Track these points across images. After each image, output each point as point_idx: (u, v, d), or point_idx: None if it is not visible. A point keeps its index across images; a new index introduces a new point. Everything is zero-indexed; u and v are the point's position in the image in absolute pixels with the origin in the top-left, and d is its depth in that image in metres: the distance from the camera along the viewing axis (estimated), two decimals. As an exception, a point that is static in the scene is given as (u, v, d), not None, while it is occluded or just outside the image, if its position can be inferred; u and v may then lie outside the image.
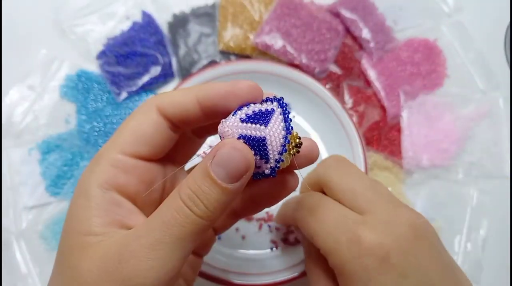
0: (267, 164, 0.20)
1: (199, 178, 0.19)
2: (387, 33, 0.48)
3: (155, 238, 0.19)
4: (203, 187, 0.19)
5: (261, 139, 0.19)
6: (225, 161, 0.19)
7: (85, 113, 0.44)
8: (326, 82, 0.46)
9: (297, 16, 0.47)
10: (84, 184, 0.21)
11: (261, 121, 0.20)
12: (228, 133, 0.19)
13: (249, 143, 0.19)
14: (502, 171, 0.44)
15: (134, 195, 0.22)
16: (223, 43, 0.46)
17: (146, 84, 0.45)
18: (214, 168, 0.19)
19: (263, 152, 0.20)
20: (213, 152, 0.19)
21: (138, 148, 0.22)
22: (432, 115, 0.45)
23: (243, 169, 0.19)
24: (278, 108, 0.21)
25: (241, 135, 0.19)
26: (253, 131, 0.19)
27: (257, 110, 0.20)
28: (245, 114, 0.20)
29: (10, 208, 0.40)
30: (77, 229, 0.20)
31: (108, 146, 0.22)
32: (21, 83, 0.45)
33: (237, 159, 0.19)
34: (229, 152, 0.19)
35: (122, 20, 0.48)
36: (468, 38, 0.49)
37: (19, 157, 0.42)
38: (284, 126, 0.20)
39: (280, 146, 0.20)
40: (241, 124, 0.20)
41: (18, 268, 0.39)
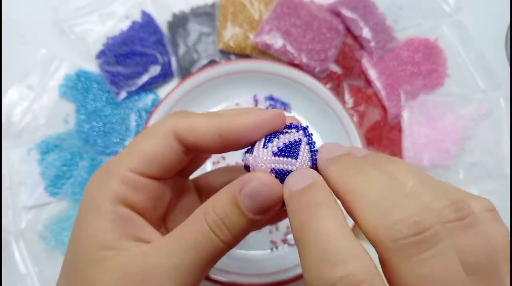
0: None
1: (226, 205, 0.20)
2: (388, 32, 0.48)
3: (179, 260, 0.19)
4: (229, 215, 0.19)
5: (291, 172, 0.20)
6: (255, 194, 0.19)
7: (84, 113, 0.44)
8: (326, 82, 0.46)
9: (297, 16, 0.47)
10: (93, 198, 0.21)
11: (292, 154, 0.20)
12: (261, 167, 0.20)
13: (280, 176, 0.20)
14: (503, 171, 0.44)
15: (142, 211, 0.22)
16: (223, 43, 0.46)
17: (145, 83, 0.45)
18: (244, 199, 0.19)
19: None
20: (242, 181, 0.20)
21: (150, 169, 0.21)
22: (432, 115, 0.45)
23: (272, 204, 0.19)
24: (304, 138, 0.21)
25: (273, 169, 0.20)
26: (285, 165, 0.20)
27: (288, 142, 0.21)
28: (277, 147, 0.20)
29: (9, 208, 0.40)
30: (89, 243, 0.20)
31: (118, 162, 0.21)
32: (20, 83, 0.44)
33: (268, 194, 0.19)
34: (260, 186, 0.19)
35: (122, 20, 0.48)
36: (468, 38, 0.49)
37: (18, 156, 0.42)
38: (310, 156, 0.21)
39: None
40: (274, 159, 0.20)
41: (17, 268, 0.39)
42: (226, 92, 0.44)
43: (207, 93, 0.43)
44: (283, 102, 0.45)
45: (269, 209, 0.20)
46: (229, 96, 0.44)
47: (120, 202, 0.21)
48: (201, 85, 0.42)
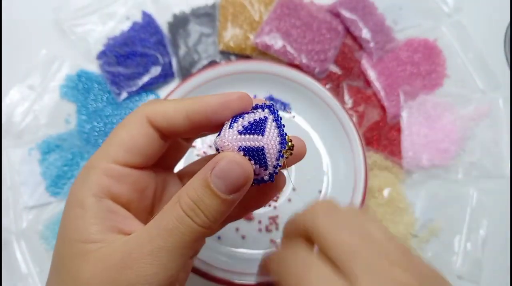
0: (266, 170, 0.21)
1: (199, 188, 0.20)
2: (387, 33, 0.48)
3: (157, 245, 0.19)
4: (203, 198, 0.20)
5: (260, 149, 0.20)
6: (224, 173, 0.19)
7: (85, 113, 0.44)
8: (326, 82, 0.46)
9: (297, 16, 0.47)
10: (77, 193, 0.21)
11: (258, 131, 0.20)
12: (228, 147, 0.20)
13: (249, 153, 0.20)
14: (502, 171, 0.44)
15: (127, 203, 0.22)
16: (223, 43, 0.46)
17: (146, 84, 0.45)
18: (214, 180, 0.19)
19: (263, 160, 0.20)
20: (212, 163, 0.20)
21: (130, 158, 0.22)
22: (432, 115, 0.45)
23: (242, 181, 0.20)
24: (270, 115, 0.21)
25: (240, 147, 0.20)
26: (252, 142, 0.20)
27: (252, 120, 0.21)
28: (241, 126, 0.20)
29: (10, 208, 0.41)
30: (75, 237, 0.20)
31: (99, 156, 0.22)
32: (21, 83, 0.45)
33: (237, 171, 0.19)
34: (229, 164, 0.19)
35: (122, 20, 0.48)
36: (468, 38, 0.49)
37: (19, 156, 0.42)
38: (278, 132, 0.21)
39: (277, 152, 0.21)
40: (240, 137, 0.20)
41: (18, 267, 0.39)
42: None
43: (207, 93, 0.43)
44: (283, 102, 0.45)
45: (240, 187, 0.20)
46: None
47: (104, 195, 0.21)
48: (202, 86, 0.42)
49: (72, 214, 0.21)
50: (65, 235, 0.21)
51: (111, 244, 0.20)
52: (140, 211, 0.23)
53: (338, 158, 0.42)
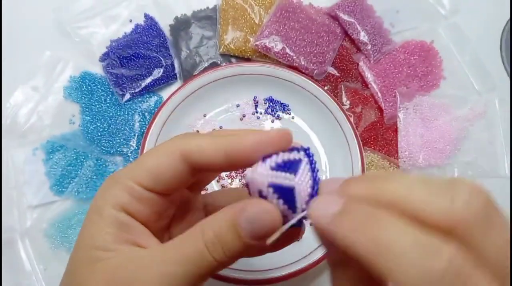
0: (294, 214, 0.20)
1: (224, 226, 0.20)
2: (384, 35, 0.49)
3: (170, 270, 0.19)
4: (226, 236, 0.20)
5: (290, 188, 0.19)
6: (253, 219, 0.19)
7: (89, 114, 0.44)
8: (324, 84, 0.47)
9: (296, 19, 0.47)
10: (98, 202, 0.22)
11: (291, 170, 0.19)
12: (258, 182, 0.19)
13: (278, 191, 0.19)
14: (497, 171, 0.45)
15: (144, 221, 0.22)
16: (224, 46, 0.47)
17: (148, 85, 0.45)
18: (242, 223, 0.19)
19: (291, 201, 0.19)
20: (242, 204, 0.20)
21: (153, 184, 0.22)
22: (428, 116, 0.46)
23: (268, 231, 0.19)
24: (305, 158, 0.21)
25: (271, 184, 0.19)
26: (283, 180, 0.19)
27: (286, 159, 0.20)
28: (275, 163, 0.20)
29: (15, 207, 0.41)
30: (88, 243, 0.21)
31: (125, 173, 0.22)
32: (25, 85, 0.45)
33: (266, 221, 0.19)
34: (260, 212, 0.19)
35: (125, 23, 0.49)
36: (464, 40, 0.50)
37: (24, 156, 0.42)
38: (311, 176, 0.20)
39: (308, 196, 0.20)
40: (271, 173, 0.19)
41: (23, 266, 0.39)
42: (227, 94, 0.45)
43: (208, 95, 0.44)
44: (282, 103, 0.46)
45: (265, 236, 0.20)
46: (230, 98, 0.45)
47: (122, 209, 0.21)
48: (203, 87, 0.43)
49: (90, 220, 0.21)
50: (81, 239, 0.21)
51: (122, 255, 0.20)
52: (156, 229, 0.23)
53: (336, 158, 0.43)
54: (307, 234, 0.24)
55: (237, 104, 0.46)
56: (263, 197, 0.19)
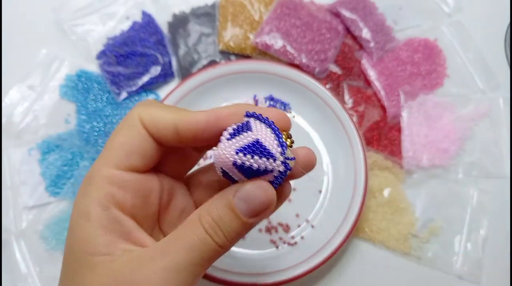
0: (276, 160, 0.20)
1: (221, 208, 0.20)
2: (387, 33, 0.48)
3: (173, 262, 0.19)
4: (225, 218, 0.20)
5: (255, 141, 0.20)
6: (249, 197, 0.20)
7: (85, 113, 0.44)
8: (326, 82, 0.46)
9: (297, 16, 0.47)
10: (82, 204, 0.21)
11: (245, 130, 0.20)
12: (226, 157, 0.20)
13: (248, 150, 0.19)
14: (502, 171, 0.44)
15: (132, 210, 0.22)
16: (223, 43, 0.46)
17: (146, 84, 0.45)
18: (238, 203, 0.20)
19: (265, 151, 0.20)
20: (235, 186, 0.20)
21: (131, 161, 0.22)
22: (432, 115, 0.45)
23: (265, 206, 0.20)
24: (251, 118, 0.21)
25: (237, 150, 0.19)
26: (245, 140, 0.20)
27: (235, 126, 0.21)
28: (228, 134, 0.20)
29: (10, 207, 0.41)
30: (82, 249, 0.20)
31: (100, 163, 0.22)
32: (21, 83, 0.45)
33: (261, 196, 0.20)
34: (253, 189, 0.20)
35: (122, 20, 0.48)
36: (468, 38, 0.49)
37: (19, 156, 0.42)
38: (266, 125, 0.21)
39: (275, 140, 0.20)
40: (231, 142, 0.20)
41: (18, 267, 0.39)
42: (226, 92, 0.44)
43: (207, 93, 0.43)
44: (283, 102, 0.45)
45: (262, 211, 0.20)
46: (229, 96, 0.45)
47: (109, 203, 0.21)
48: (201, 86, 0.42)
49: (77, 226, 0.21)
50: (72, 247, 0.21)
51: (119, 257, 0.20)
52: (145, 219, 0.23)
53: (338, 158, 0.42)
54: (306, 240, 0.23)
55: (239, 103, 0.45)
56: (239, 166, 0.20)
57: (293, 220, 0.40)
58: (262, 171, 0.20)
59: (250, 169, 0.20)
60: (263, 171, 0.20)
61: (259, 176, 0.20)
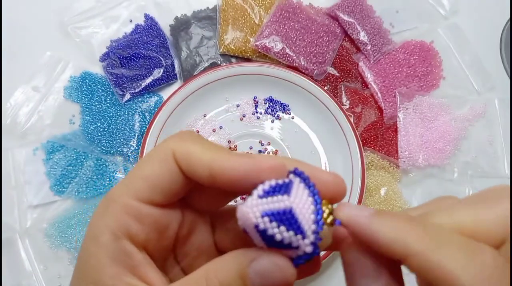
0: (305, 239, 0.17)
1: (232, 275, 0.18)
2: (384, 35, 0.49)
3: None
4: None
5: (288, 210, 0.17)
6: (264, 274, 0.18)
7: (89, 114, 0.44)
8: (324, 84, 0.47)
9: (296, 20, 0.48)
10: (95, 228, 0.20)
11: (282, 192, 0.17)
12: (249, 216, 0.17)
13: (276, 218, 0.17)
14: (497, 171, 0.45)
15: (145, 242, 0.21)
16: (224, 46, 0.47)
17: (149, 86, 0.46)
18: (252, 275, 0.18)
19: (295, 224, 0.17)
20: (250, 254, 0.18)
21: (152, 195, 0.20)
22: (428, 116, 0.46)
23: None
24: (295, 178, 0.18)
25: (264, 212, 0.17)
26: (277, 204, 0.17)
27: (274, 183, 0.18)
28: (262, 190, 0.17)
29: (15, 206, 0.41)
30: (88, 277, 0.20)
31: (121, 189, 0.20)
32: (26, 85, 0.45)
33: (277, 277, 0.18)
34: (271, 266, 0.18)
35: (126, 23, 0.49)
36: (464, 41, 0.50)
37: (24, 156, 0.42)
38: (309, 192, 0.18)
39: (312, 214, 0.17)
40: (261, 201, 0.17)
41: (23, 265, 0.39)
42: (227, 94, 0.45)
43: (208, 95, 0.44)
44: (282, 103, 0.46)
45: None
46: (230, 97, 0.45)
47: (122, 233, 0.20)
48: (203, 87, 0.43)
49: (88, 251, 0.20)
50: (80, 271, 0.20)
51: None
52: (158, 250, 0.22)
53: (336, 158, 0.43)
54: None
55: (237, 104, 0.46)
56: (261, 231, 0.17)
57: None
58: (285, 245, 0.17)
59: (273, 240, 0.17)
60: (286, 244, 0.17)
61: (281, 248, 0.17)
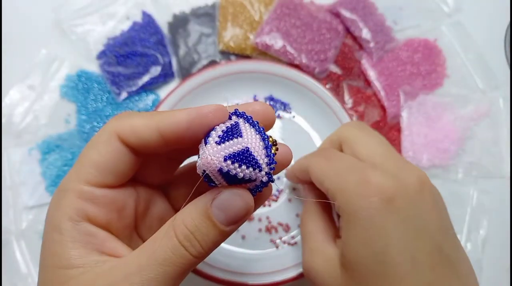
0: (261, 171, 0.20)
1: (197, 218, 0.19)
2: (387, 33, 0.48)
3: (147, 277, 0.18)
4: (201, 228, 0.19)
5: (245, 150, 0.19)
6: (226, 205, 0.19)
7: (85, 113, 0.44)
8: (326, 82, 0.46)
9: (297, 16, 0.47)
10: (54, 219, 0.21)
11: (235, 135, 0.19)
12: (213, 162, 0.19)
13: (237, 159, 0.19)
14: (502, 171, 0.44)
15: (106, 223, 0.21)
16: (223, 43, 0.46)
17: (146, 84, 0.45)
18: (215, 211, 0.19)
19: (253, 161, 0.19)
20: (211, 193, 0.20)
21: (103, 178, 0.21)
22: (432, 115, 0.45)
23: (243, 213, 0.20)
24: (239, 119, 0.21)
25: (226, 156, 0.19)
26: (234, 147, 0.19)
27: (225, 128, 0.20)
28: (217, 137, 0.19)
29: (10, 208, 0.41)
30: (55, 264, 0.20)
31: (72, 177, 0.21)
32: (21, 83, 0.45)
33: (239, 204, 0.19)
34: (230, 196, 0.19)
35: (122, 20, 0.48)
36: (468, 38, 0.49)
37: (19, 156, 0.42)
38: (255, 130, 0.20)
39: (264, 149, 0.20)
40: (220, 147, 0.19)
41: (18, 268, 0.39)
42: (226, 92, 0.44)
43: (207, 93, 0.43)
44: (283, 102, 0.45)
45: (240, 219, 0.20)
46: (229, 96, 0.45)
47: (81, 218, 0.20)
48: (202, 86, 0.42)
49: (50, 240, 0.20)
50: (46, 261, 0.20)
51: (93, 268, 0.19)
52: (121, 229, 0.22)
53: (338, 158, 0.42)
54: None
55: (237, 103, 0.45)
56: (224, 173, 0.19)
57: (293, 220, 0.40)
58: (246, 180, 0.20)
59: (235, 177, 0.19)
60: (247, 180, 0.20)
61: (241, 183, 0.20)
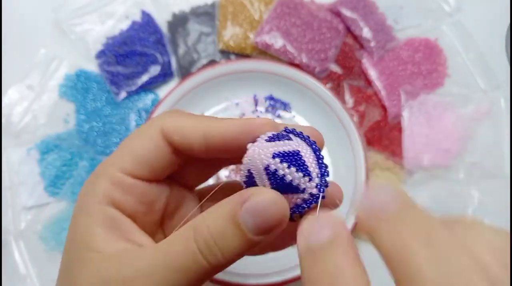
0: (311, 181, 0.17)
1: (223, 222, 0.17)
2: (388, 32, 0.48)
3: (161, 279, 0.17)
4: (225, 234, 0.17)
5: (296, 152, 0.17)
6: (260, 210, 0.17)
7: (84, 113, 0.44)
8: (326, 82, 0.46)
9: (297, 15, 0.46)
10: (83, 199, 0.21)
11: (285, 138, 0.18)
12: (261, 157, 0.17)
13: (287, 159, 0.17)
14: (503, 171, 0.44)
15: (133, 214, 0.21)
16: (223, 43, 0.46)
17: (145, 83, 0.45)
18: (245, 216, 0.17)
19: (303, 166, 0.17)
20: (241, 196, 0.17)
21: (138, 170, 0.21)
22: (433, 115, 0.45)
23: (276, 222, 0.17)
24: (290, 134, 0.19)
25: (275, 153, 0.17)
26: (285, 147, 0.17)
27: (276, 133, 0.19)
28: (267, 136, 0.18)
29: (9, 208, 0.40)
30: (79, 244, 0.20)
31: (108, 162, 0.21)
32: (20, 83, 0.44)
33: (273, 211, 0.17)
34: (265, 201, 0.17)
35: (122, 20, 0.48)
36: (469, 38, 0.49)
37: (18, 156, 0.42)
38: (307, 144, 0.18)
39: (315, 160, 0.18)
40: (270, 144, 0.17)
41: (17, 268, 0.39)
42: (226, 92, 0.44)
43: (207, 93, 0.43)
44: (283, 102, 0.45)
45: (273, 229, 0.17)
46: (229, 96, 0.44)
47: (109, 203, 0.20)
48: (201, 85, 0.42)
49: (79, 220, 0.21)
50: (72, 239, 0.21)
51: (112, 256, 0.19)
52: (147, 223, 0.22)
53: (339, 158, 0.42)
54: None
55: (236, 103, 0.45)
56: (271, 173, 0.17)
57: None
58: (293, 187, 0.17)
59: (282, 180, 0.17)
60: (294, 187, 0.17)
61: (287, 192, 0.17)
